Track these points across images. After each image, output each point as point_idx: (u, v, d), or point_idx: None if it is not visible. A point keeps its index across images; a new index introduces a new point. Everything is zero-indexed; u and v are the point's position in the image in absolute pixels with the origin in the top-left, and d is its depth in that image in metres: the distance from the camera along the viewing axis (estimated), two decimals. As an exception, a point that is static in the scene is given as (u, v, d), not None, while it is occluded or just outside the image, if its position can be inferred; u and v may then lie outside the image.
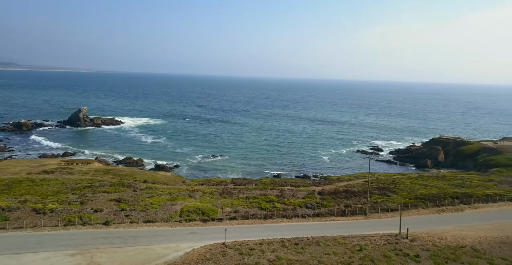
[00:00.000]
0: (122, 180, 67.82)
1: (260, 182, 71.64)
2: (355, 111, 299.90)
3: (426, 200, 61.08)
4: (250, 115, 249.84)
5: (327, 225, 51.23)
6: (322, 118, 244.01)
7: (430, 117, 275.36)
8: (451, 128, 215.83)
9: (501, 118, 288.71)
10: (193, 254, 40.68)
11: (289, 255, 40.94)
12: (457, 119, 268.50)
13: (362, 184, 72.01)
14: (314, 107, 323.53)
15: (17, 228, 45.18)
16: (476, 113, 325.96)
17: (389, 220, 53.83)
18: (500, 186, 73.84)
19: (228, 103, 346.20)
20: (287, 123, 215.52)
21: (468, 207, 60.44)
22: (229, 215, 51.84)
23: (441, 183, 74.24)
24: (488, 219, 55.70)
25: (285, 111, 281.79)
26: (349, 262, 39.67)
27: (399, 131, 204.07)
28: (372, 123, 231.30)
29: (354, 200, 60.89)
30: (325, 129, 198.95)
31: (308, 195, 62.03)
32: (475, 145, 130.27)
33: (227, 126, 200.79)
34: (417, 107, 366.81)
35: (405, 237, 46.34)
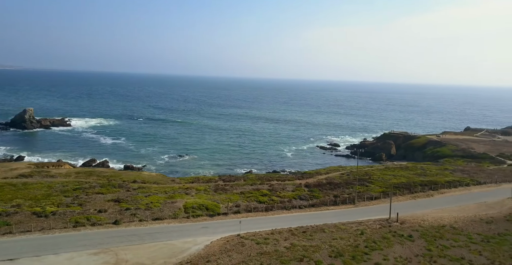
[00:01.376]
0: (110, 181, 66.94)
1: (247, 178, 74.52)
2: (306, 110, 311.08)
3: (400, 188, 68.14)
4: (207, 115, 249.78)
5: (324, 214, 55.73)
6: (278, 118, 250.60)
7: (375, 115, 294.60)
8: (395, 124, 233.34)
9: (434, 114, 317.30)
10: (213, 246, 42.82)
11: (301, 242, 44.64)
12: (399, 117, 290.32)
13: (340, 176, 77.83)
14: (267, 107, 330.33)
15: (25, 231, 44.05)
16: (413, 110, 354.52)
17: (376, 207, 59.75)
18: (455, 174, 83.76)
19: (181, 103, 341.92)
20: (245, 123, 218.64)
21: (436, 192, 68.52)
22: (232, 209, 54.24)
23: (407, 173, 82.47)
24: (455, 202, 63.83)
25: (241, 111, 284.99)
26: (356, 245, 44.32)
27: (349, 128, 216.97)
28: (324, 121, 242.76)
29: (339, 190, 66.19)
30: (283, 128, 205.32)
31: (297, 188, 66.22)
32: (422, 139, 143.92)
33: (186, 126, 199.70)
34: (360, 105, 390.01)
35: (396, 220, 52.19)
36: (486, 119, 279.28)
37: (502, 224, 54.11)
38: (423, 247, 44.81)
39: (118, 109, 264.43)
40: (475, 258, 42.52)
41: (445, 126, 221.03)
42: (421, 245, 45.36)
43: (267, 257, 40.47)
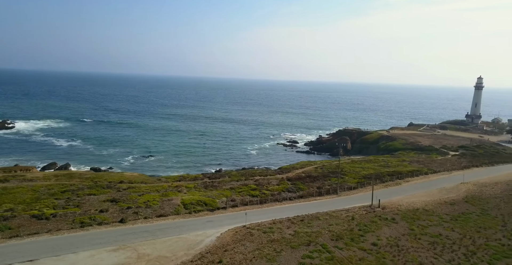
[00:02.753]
0: (96, 182, 66.19)
1: (231, 174, 77.20)
2: (260, 110, 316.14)
3: (371, 178, 75.01)
4: (162, 116, 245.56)
5: (313, 204, 60.51)
6: (234, 118, 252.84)
7: (324, 113, 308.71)
8: (346, 122, 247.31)
9: (379, 112, 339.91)
10: (225, 237, 45.56)
11: (303, 229, 48.87)
12: (347, 115, 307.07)
13: (315, 170, 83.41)
14: (221, 107, 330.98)
15: (32, 234, 43.51)
16: (359, 108, 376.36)
17: (356, 196, 65.84)
18: (412, 164, 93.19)
19: (131, 103, 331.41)
20: (203, 124, 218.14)
21: (403, 181, 76.50)
22: (229, 204, 56.98)
23: (372, 165, 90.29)
24: (420, 188, 72.02)
25: (196, 111, 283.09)
26: (351, 229, 49.51)
27: (304, 126, 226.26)
28: (279, 120, 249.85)
29: (319, 182, 71.47)
30: (241, 128, 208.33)
31: (281, 182, 70.42)
32: (374, 134, 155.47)
33: (142, 128, 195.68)
34: (309, 104, 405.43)
35: (378, 206, 58.37)
36: (421, 116, 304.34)
37: (462, 205, 62.63)
38: (406, 227, 51.17)
39: (64, 111, 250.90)
40: (449, 233, 49.60)
41: (391, 123, 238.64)
42: (404, 226, 51.71)
43: (277, 243, 44.11)
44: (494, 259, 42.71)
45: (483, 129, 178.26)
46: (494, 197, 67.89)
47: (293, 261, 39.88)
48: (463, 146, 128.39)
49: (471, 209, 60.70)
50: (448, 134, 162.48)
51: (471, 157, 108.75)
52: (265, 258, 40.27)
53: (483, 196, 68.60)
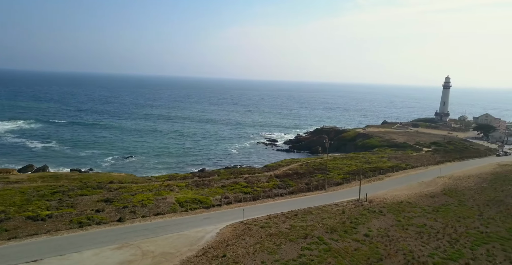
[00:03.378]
0: (85, 183, 65.59)
1: (220, 173, 78.24)
2: (237, 110, 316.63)
3: (355, 174, 78.31)
4: (138, 117, 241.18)
5: (303, 199, 62.70)
6: (212, 118, 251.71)
7: (300, 113, 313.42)
8: (321, 120, 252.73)
9: (352, 111, 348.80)
10: (224, 233, 46.86)
11: (298, 223, 50.90)
12: (322, 114, 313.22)
13: (301, 167, 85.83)
14: (198, 107, 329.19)
15: (30, 235, 43.18)
16: (333, 107, 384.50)
17: (343, 191, 68.66)
18: (391, 160, 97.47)
19: (105, 104, 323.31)
20: (181, 124, 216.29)
21: (384, 176, 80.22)
22: (223, 201, 58.21)
23: (354, 162, 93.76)
24: (401, 183, 75.87)
25: (172, 111, 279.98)
26: (343, 222, 51.99)
27: (281, 125, 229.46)
28: (257, 120, 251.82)
29: (306, 179, 73.84)
30: (220, 128, 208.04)
31: (270, 179, 72.25)
32: (351, 132, 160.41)
33: (119, 129, 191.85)
34: (284, 104, 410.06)
35: (365, 200, 61.27)
36: (393, 115, 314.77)
37: (441, 197, 66.67)
38: (393, 219, 54.21)
39: (33, 112, 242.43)
40: (433, 223, 53.01)
41: (365, 121, 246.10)
42: (391, 218, 54.74)
43: (276, 237, 45.87)
44: (475, 245, 46.19)
45: (452, 127, 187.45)
46: (468, 189, 72.56)
47: (294, 253, 41.73)
48: (435, 142, 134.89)
49: (449, 200, 64.75)
50: (420, 131, 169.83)
51: (444, 153, 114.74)
52: (266, 251, 41.91)
53: (458, 188, 73.15)
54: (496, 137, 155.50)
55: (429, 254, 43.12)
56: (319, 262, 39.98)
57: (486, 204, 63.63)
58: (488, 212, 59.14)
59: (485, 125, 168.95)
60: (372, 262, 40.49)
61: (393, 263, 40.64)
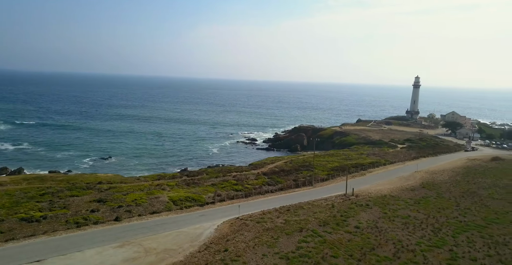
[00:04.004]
0: (73, 184, 64.77)
1: (207, 172, 79.02)
2: (213, 110, 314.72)
3: (338, 171, 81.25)
4: (112, 118, 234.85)
5: (293, 195, 64.78)
6: (189, 118, 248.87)
7: (276, 112, 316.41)
8: (297, 120, 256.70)
9: (326, 111, 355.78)
10: (222, 228, 48.11)
11: (291, 217, 52.85)
12: (297, 113, 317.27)
13: (286, 165, 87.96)
14: (173, 107, 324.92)
15: (28, 236, 42.80)
16: (306, 107, 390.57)
17: (329, 186, 71.30)
18: (370, 157, 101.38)
19: (73, 104, 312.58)
20: (158, 125, 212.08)
21: (366, 172, 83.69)
22: (216, 199, 59.31)
23: (335, 159, 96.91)
24: (382, 177, 79.49)
25: (147, 112, 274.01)
26: (333, 215, 54.41)
27: (258, 125, 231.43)
28: (234, 119, 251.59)
29: (293, 176, 75.97)
30: (198, 128, 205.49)
31: (258, 176, 73.87)
32: (328, 130, 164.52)
33: (93, 130, 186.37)
34: (259, 104, 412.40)
35: (352, 194, 64.06)
36: (365, 113, 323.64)
37: (420, 190, 70.59)
38: (380, 211, 57.18)
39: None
40: (416, 214, 56.39)
41: (339, 120, 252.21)
42: (378, 210, 57.70)
43: (272, 231, 47.59)
44: (456, 233, 49.72)
45: (422, 124, 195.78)
46: (444, 182, 77.07)
47: (292, 246, 43.58)
48: (408, 139, 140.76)
49: (428, 193, 68.71)
50: (393, 128, 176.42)
51: (417, 149, 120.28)
52: (266, 245, 43.55)
53: (435, 181, 77.54)
54: (463, 133, 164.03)
55: (416, 242, 46.11)
56: (316, 253, 42.00)
57: (462, 195, 68.02)
58: (464, 203, 63.33)
59: (453, 123, 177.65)
60: (365, 252, 42.93)
61: (384, 252, 43.25)
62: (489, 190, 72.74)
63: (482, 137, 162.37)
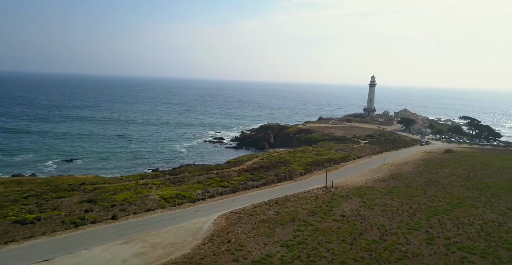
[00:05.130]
0: (56, 186, 63.42)
1: (188, 170, 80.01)
2: (175, 110, 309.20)
3: (313, 165, 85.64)
4: (67, 120, 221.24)
5: (277, 189, 67.95)
6: (150, 119, 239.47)
7: (237, 112, 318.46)
8: (261, 118, 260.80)
9: (286, 110, 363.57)
10: (219, 222, 50.18)
11: (281, 209, 56.00)
12: (260, 112, 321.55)
13: (263, 161, 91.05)
14: (132, 107, 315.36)
15: (27, 237, 42.31)
16: (266, 106, 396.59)
17: (308, 180, 75.34)
18: (339, 152, 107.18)
19: (20, 106, 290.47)
20: (118, 126, 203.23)
21: (339, 166, 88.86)
22: (206, 195, 61.03)
23: (307, 154, 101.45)
24: (354, 171, 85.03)
25: (106, 113, 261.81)
26: (319, 206, 58.28)
27: (223, 124, 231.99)
28: (198, 120, 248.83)
29: (272, 171, 79.18)
30: (162, 129, 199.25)
31: (240, 173, 76.23)
32: (294, 128, 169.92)
33: (49, 132, 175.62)
34: (220, 103, 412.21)
35: (332, 187, 68.41)
36: (323, 112, 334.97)
37: (391, 181, 76.67)
38: (359, 201, 61.91)
39: None
40: (391, 202, 61.77)
41: (300, 118, 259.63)
42: (357, 200, 62.41)
43: (267, 223, 50.44)
44: (428, 217, 55.42)
45: (379, 121, 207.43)
46: (409, 173, 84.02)
47: (288, 235, 46.67)
48: (369, 135, 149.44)
49: (398, 183, 74.87)
50: (354, 125, 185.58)
51: (379, 144, 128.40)
52: (264, 235, 46.28)
53: (401, 173, 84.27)
54: (416, 129, 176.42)
55: (397, 226, 51.03)
56: (312, 240, 45.42)
57: (427, 184, 74.88)
58: (430, 191, 69.96)
59: (407, 119, 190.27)
60: (355, 237, 47.02)
61: (371, 236, 47.60)
62: (449, 178, 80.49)
63: (433, 132, 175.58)
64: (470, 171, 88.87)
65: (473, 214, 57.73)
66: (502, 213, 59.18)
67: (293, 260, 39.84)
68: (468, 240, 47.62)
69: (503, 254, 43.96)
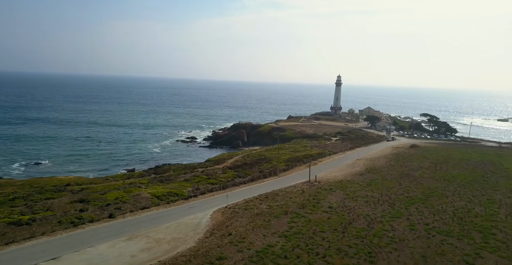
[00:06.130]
0: (40, 187, 62.09)
1: (173, 169, 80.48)
2: (140, 110, 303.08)
3: (293, 161, 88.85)
4: (28, 121, 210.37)
5: (264, 184, 70.34)
6: (114, 120, 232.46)
7: (205, 112, 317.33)
8: (229, 118, 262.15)
9: (254, 109, 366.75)
10: (216, 217, 51.86)
11: (272, 203, 58.51)
12: (228, 112, 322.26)
13: (244, 159, 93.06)
14: (90, 108, 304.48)
15: (27, 238, 41.99)
16: (231, 105, 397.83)
17: (291, 175, 78.35)
18: (314, 148, 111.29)
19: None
20: (82, 128, 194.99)
21: (318, 161, 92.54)
22: (197, 192, 62.29)
23: (285, 151, 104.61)
24: (332, 166, 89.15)
25: (58, 115, 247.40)
26: (307, 199, 61.34)
27: (193, 125, 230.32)
28: (165, 120, 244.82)
29: (256, 168, 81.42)
30: (130, 130, 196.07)
31: (225, 171, 77.85)
32: (266, 126, 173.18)
33: (8, 135, 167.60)
34: (188, 103, 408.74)
35: (315, 181, 71.76)
36: (288, 111, 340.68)
37: (367, 174, 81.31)
38: (343, 193, 65.64)
39: None
40: (372, 194, 65.99)
41: (269, 117, 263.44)
42: (340, 193, 66.11)
43: (262, 216, 52.74)
44: (407, 206, 60.01)
45: (346, 119, 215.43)
46: (383, 167, 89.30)
47: (284, 226, 49.22)
48: (339, 132, 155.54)
49: (374, 176, 79.60)
50: (323, 123, 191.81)
51: (350, 140, 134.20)
52: (262, 227, 48.54)
53: (376, 167, 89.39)
54: (381, 126, 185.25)
55: (381, 215, 55.02)
56: (307, 230, 48.26)
57: (400, 176, 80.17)
58: (404, 182, 75.10)
59: (372, 117, 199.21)
60: (345, 225, 50.39)
61: (360, 224, 51.17)
62: (418, 171, 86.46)
63: (397, 128, 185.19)
64: (436, 164, 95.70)
65: (445, 202, 63.01)
66: (469, 200, 65.00)
67: (294, 249, 42.38)
68: (444, 225, 52.33)
69: (476, 235, 48.90)
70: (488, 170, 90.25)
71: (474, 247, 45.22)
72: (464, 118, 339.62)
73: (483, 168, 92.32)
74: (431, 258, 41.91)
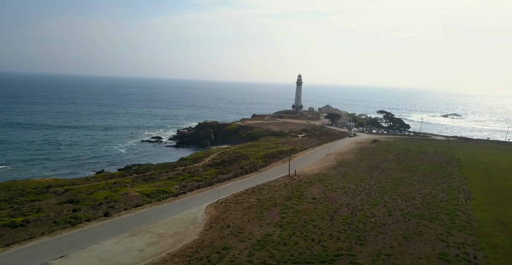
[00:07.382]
0: (21, 190, 60.27)
1: (153, 168, 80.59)
2: (99, 111, 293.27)
3: (269, 158, 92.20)
4: None
5: (247, 180, 72.94)
6: (69, 122, 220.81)
7: (163, 112, 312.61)
8: (191, 117, 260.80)
9: (214, 109, 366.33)
10: (210, 211, 53.82)
11: (261, 196, 61.43)
12: (189, 112, 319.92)
13: (221, 157, 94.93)
14: (47, 109, 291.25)
15: (28, 238, 41.60)
16: (193, 105, 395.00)
17: (270, 170, 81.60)
18: (285, 145, 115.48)
19: None
20: (39, 131, 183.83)
21: (291, 157, 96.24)
22: (185, 189, 63.60)
23: (259, 149, 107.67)
24: (306, 161, 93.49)
25: (6, 117, 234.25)
26: (291, 191, 64.89)
27: (155, 123, 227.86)
28: (127, 121, 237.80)
29: (235, 165, 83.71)
30: (90, 132, 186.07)
31: (206, 168, 79.43)
32: (233, 125, 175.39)
33: None
34: (145, 102, 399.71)
35: (295, 175, 75.52)
36: (251, 110, 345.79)
37: (340, 168, 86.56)
38: (322, 186, 69.93)
39: None
40: (348, 185, 70.91)
41: (231, 116, 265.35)
42: (320, 185, 70.37)
43: (254, 208, 55.47)
44: (381, 194, 65.45)
45: (308, 116, 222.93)
46: (353, 161, 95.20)
47: (277, 217, 52.28)
48: (304, 129, 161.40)
49: (347, 169, 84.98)
50: (286, 121, 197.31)
51: (315, 137, 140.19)
52: (256, 219, 51.28)
53: (346, 161, 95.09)
54: (341, 123, 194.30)
55: (361, 204, 59.77)
56: (298, 219, 51.69)
57: (370, 169, 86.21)
58: (374, 174, 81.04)
59: (333, 114, 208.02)
60: (332, 214, 54.44)
61: (344, 213, 55.47)
62: (384, 163, 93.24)
63: (356, 125, 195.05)
64: (398, 157, 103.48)
65: (413, 190, 69.28)
66: (432, 188, 71.87)
67: (291, 237, 45.56)
68: (416, 210, 58.03)
69: (444, 218, 54.88)
70: (443, 161, 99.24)
71: (445, 227, 50.94)
72: (413, 114, 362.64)
73: (438, 159, 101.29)
74: (411, 238, 46.87)
